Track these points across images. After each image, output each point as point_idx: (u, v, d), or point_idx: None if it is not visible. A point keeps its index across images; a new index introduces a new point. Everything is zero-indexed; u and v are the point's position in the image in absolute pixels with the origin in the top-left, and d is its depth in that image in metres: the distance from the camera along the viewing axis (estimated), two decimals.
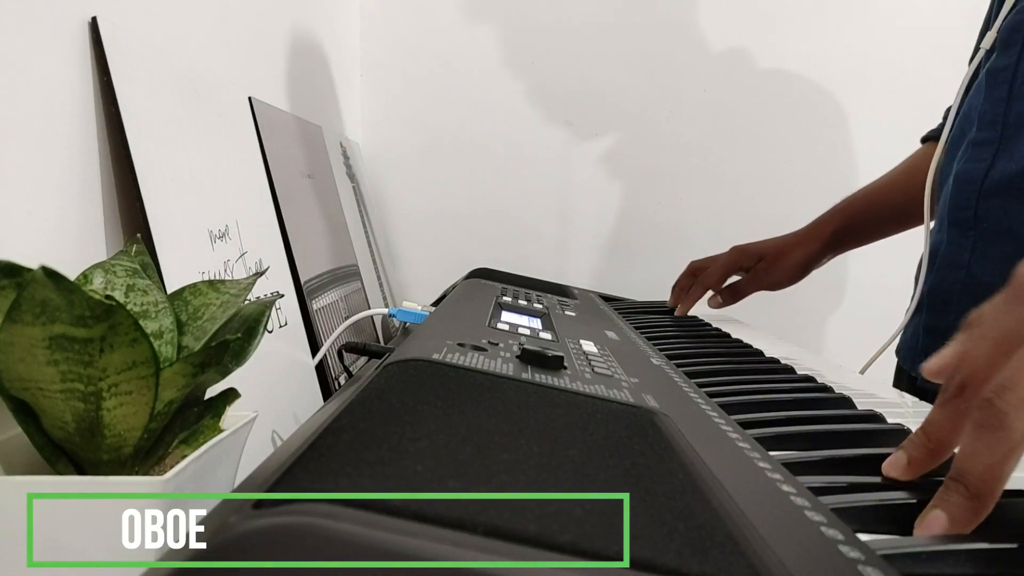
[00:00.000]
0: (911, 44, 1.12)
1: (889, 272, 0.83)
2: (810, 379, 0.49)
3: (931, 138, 0.76)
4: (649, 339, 0.60)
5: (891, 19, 1.13)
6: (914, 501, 0.27)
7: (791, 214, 1.18)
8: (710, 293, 0.83)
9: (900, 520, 0.26)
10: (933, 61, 1.06)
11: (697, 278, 0.82)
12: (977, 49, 0.65)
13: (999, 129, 0.55)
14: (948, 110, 0.76)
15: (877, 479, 0.29)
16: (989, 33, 0.58)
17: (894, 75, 1.13)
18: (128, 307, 0.34)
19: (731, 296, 0.82)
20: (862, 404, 0.42)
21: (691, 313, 0.84)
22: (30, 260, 0.27)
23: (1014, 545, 0.24)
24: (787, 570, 0.19)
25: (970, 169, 0.56)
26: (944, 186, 0.61)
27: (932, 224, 0.64)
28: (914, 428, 0.37)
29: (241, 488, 0.19)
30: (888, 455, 0.30)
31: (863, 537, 0.23)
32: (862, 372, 0.60)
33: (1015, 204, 0.53)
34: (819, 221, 0.80)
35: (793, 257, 0.79)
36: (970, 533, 0.25)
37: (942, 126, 0.75)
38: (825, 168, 1.18)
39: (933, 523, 0.25)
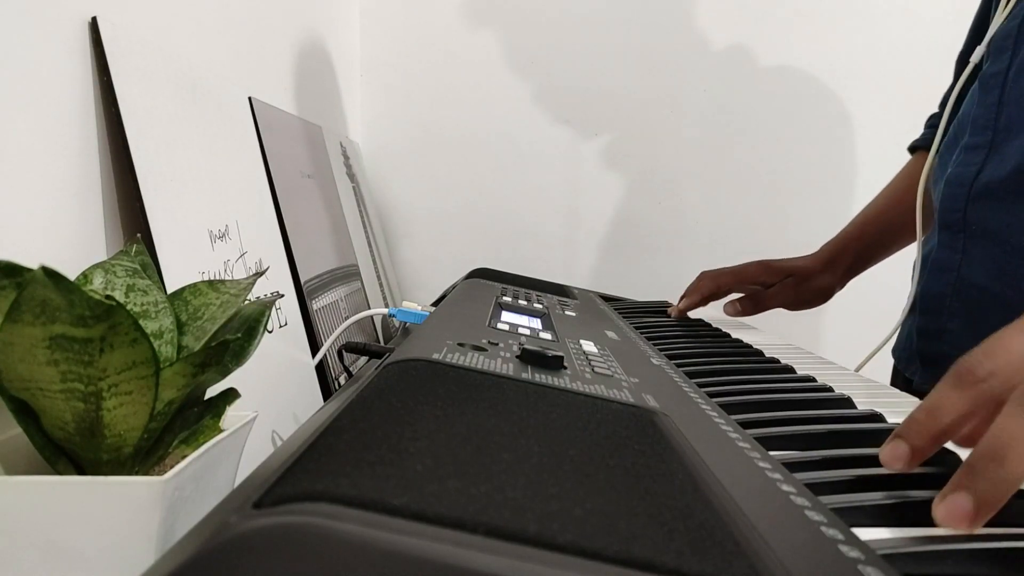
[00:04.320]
0: (911, 43, 1.12)
1: (888, 273, 0.83)
2: (810, 379, 0.49)
3: (917, 148, 0.76)
4: (649, 339, 0.60)
5: (891, 18, 1.13)
6: (915, 500, 0.27)
7: (791, 213, 1.19)
8: (729, 297, 0.81)
9: (900, 519, 0.26)
10: (933, 61, 1.06)
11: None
12: (967, 56, 0.65)
13: (990, 134, 0.55)
14: (931, 117, 0.77)
15: (872, 471, 0.29)
16: (979, 46, 0.59)
17: (894, 74, 1.13)
18: (128, 307, 0.34)
19: (752, 306, 0.79)
20: (862, 404, 0.42)
21: (692, 314, 0.83)
22: (30, 260, 0.27)
23: (1015, 545, 0.24)
24: (787, 570, 0.19)
25: (961, 173, 0.57)
26: (937, 190, 0.61)
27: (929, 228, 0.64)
28: None
29: (241, 488, 0.19)
30: None
31: (863, 534, 0.23)
32: (857, 370, 0.60)
33: (1001, 207, 0.53)
34: (836, 250, 0.79)
35: (820, 282, 0.78)
36: (971, 533, 0.25)
37: (925, 135, 0.76)
38: (825, 167, 1.18)
39: (956, 508, 0.24)
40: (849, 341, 0.81)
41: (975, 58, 0.59)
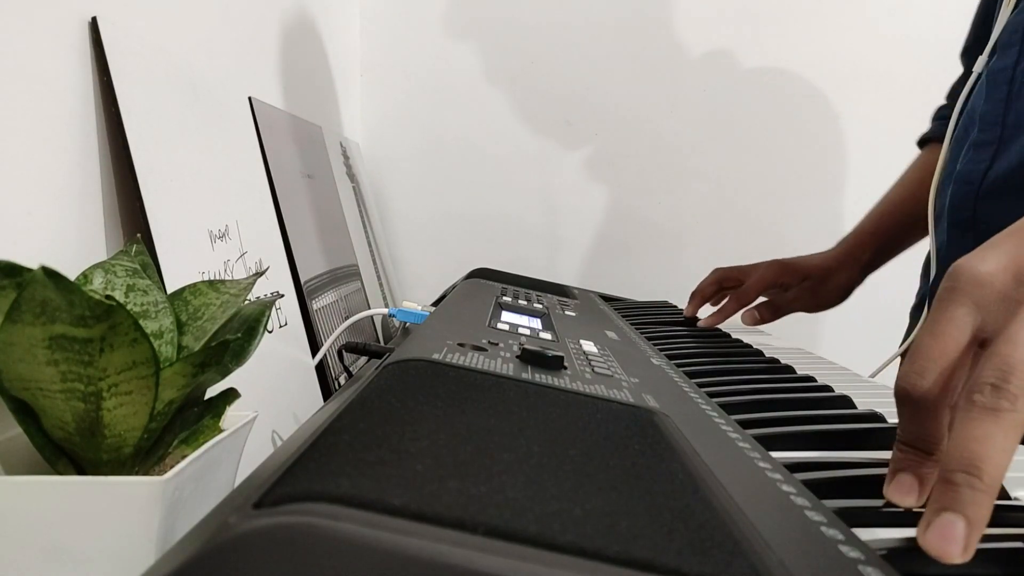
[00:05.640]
0: (909, 45, 1.12)
1: (893, 272, 0.83)
2: (810, 379, 0.49)
3: (928, 140, 0.76)
4: (649, 339, 0.60)
5: (889, 20, 1.13)
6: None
7: (791, 213, 1.19)
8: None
9: (901, 519, 0.26)
10: (930, 62, 1.06)
11: (725, 288, 0.77)
12: (969, 50, 0.65)
13: (999, 130, 0.55)
14: (940, 109, 0.76)
15: (873, 471, 0.29)
16: (992, 37, 0.58)
17: (892, 76, 1.13)
18: (128, 307, 0.34)
19: (771, 313, 0.76)
20: (862, 404, 0.42)
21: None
22: (30, 260, 0.27)
23: (1017, 545, 0.24)
24: (787, 570, 0.19)
25: (970, 170, 0.56)
26: (947, 187, 0.61)
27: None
28: None
29: (241, 488, 0.19)
30: (888, 456, 0.30)
31: (863, 534, 0.23)
32: (873, 376, 0.60)
33: (1011, 203, 0.53)
34: (853, 246, 0.77)
35: (838, 280, 0.76)
36: None
37: (935, 128, 0.75)
38: (824, 167, 1.18)
39: (949, 531, 0.22)
40: (852, 341, 0.81)
41: (978, 67, 0.59)
